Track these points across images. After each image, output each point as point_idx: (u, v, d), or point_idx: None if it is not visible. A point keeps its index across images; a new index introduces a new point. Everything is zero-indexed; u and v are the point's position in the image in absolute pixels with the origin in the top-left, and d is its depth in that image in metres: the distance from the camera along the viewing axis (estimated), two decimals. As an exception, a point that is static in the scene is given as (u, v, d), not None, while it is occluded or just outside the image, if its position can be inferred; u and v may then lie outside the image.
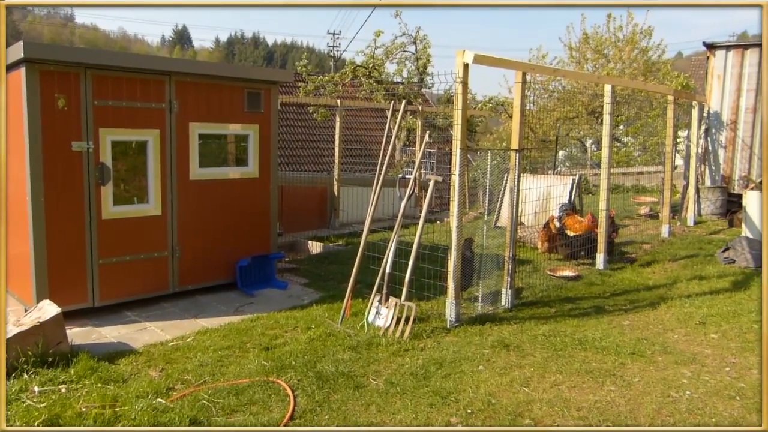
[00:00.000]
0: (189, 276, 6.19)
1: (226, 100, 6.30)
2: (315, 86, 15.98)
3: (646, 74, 17.83)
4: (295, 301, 6.09)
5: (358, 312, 5.44)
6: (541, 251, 7.97)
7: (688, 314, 5.57)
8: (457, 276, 5.15)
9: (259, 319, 5.46)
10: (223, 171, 6.40)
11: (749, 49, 10.47)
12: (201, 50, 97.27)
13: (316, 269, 7.49)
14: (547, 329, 5.10)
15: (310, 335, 4.92)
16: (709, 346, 4.82)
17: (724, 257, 7.55)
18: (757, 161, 10.36)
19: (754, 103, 10.38)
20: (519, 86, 5.67)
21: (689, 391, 3.98)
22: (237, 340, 4.85)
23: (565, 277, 6.92)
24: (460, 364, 4.31)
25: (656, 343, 4.81)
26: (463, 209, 11.49)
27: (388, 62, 16.58)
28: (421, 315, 5.38)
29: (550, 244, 7.88)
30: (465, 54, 4.97)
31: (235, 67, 7.99)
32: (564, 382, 4.08)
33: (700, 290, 6.37)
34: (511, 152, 5.68)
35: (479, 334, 4.96)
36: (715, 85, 10.75)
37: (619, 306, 5.91)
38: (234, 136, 6.49)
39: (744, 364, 4.42)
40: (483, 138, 22.97)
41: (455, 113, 5.02)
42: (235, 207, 6.46)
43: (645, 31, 18.24)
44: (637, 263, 7.70)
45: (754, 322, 5.30)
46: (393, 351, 4.55)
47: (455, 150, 4.99)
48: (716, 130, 10.79)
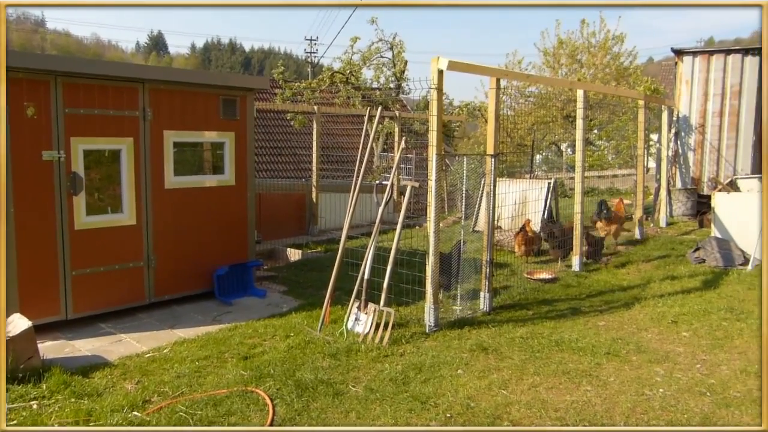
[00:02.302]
0: (165, 286, 6.12)
1: (201, 108, 6.26)
2: (292, 93, 15.97)
3: (618, 79, 18.15)
4: (273, 309, 6.06)
5: (337, 319, 5.43)
6: (518, 255, 8.07)
7: (661, 313, 5.68)
8: (436, 281, 5.18)
9: (238, 328, 5.42)
10: (199, 179, 6.36)
11: (714, 55, 10.74)
12: (177, 56, 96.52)
13: (295, 276, 7.46)
14: (524, 332, 5.16)
15: (289, 343, 4.90)
16: (681, 344, 4.92)
17: (695, 257, 7.71)
18: (724, 163, 10.62)
19: (720, 107, 10.64)
20: (493, 92, 5.74)
21: (662, 388, 4.06)
22: (215, 350, 4.81)
23: (542, 279, 7.00)
24: (439, 369, 4.34)
25: (631, 343, 4.90)
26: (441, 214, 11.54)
27: (365, 68, 16.65)
28: (401, 320, 5.40)
29: (527, 247, 7.97)
30: (439, 61, 5.02)
31: (210, 74, 7.95)
32: (541, 383, 4.13)
33: (672, 290, 6.49)
34: (487, 157, 5.74)
35: (458, 338, 4.99)
36: (684, 90, 10.99)
37: (595, 307, 6.00)
38: (210, 144, 6.45)
39: (714, 361, 4.53)
40: (461, 143, 23.13)
41: (431, 119, 5.06)
42: (211, 215, 6.41)
43: (617, 37, 18.59)
44: (612, 264, 7.82)
45: (723, 319, 5.43)
46: (372, 357, 4.56)
47: (431, 156, 5.03)
48: (685, 133, 11.03)
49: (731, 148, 10.68)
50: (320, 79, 16.21)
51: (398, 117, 12.54)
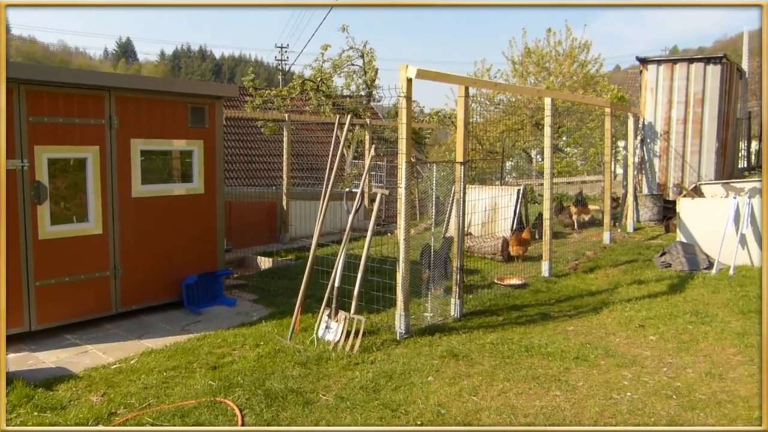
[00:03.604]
0: (133, 296, 6.01)
1: (169, 116, 6.19)
2: (263, 100, 15.88)
3: (585, 87, 18.49)
4: (243, 318, 6.00)
5: (308, 327, 5.40)
6: (513, 253, 8.51)
7: (629, 318, 5.78)
8: (406, 288, 5.19)
9: (207, 337, 5.35)
10: (167, 187, 6.27)
11: (678, 64, 11.03)
12: (146, 63, 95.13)
13: (266, 285, 7.40)
14: (494, 337, 5.20)
15: (258, 352, 4.86)
16: (648, 347, 5.01)
17: (661, 261, 7.88)
18: (689, 170, 10.89)
19: (684, 114, 10.92)
20: (462, 100, 5.79)
21: (630, 392, 4.13)
22: (183, 360, 4.73)
23: (513, 285, 7.06)
24: (409, 376, 4.34)
25: (599, 347, 4.97)
26: (412, 221, 11.52)
27: (336, 76, 16.64)
28: (371, 328, 5.39)
29: (521, 246, 8.57)
30: (408, 69, 5.05)
31: (177, 82, 7.87)
32: (511, 389, 4.17)
33: (639, 294, 6.62)
34: (456, 165, 5.79)
35: (429, 345, 5.01)
36: (649, 98, 11.25)
37: (564, 312, 6.07)
38: (178, 152, 6.38)
39: (680, 364, 4.62)
40: (432, 150, 23.28)
41: (400, 127, 5.08)
42: (180, 224, 6.33)
43: (583, 45, 18.95)
44: (580, 269, 7.94)
45: (689, 323, 5.55)
46: (343, 365, 4.54)
47: (401, 163, 5.05)
48: (651, 140, 11.28)
49: (695, 155, 10.96)
50: (291, 86, 16.16)
51: (369, 125, 12.56)
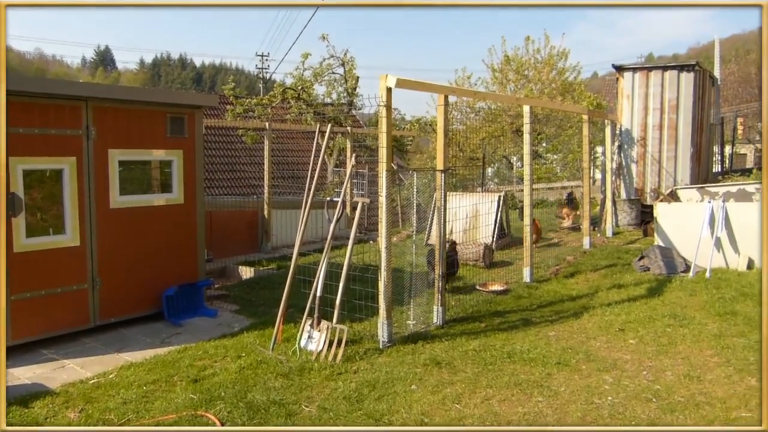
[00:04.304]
0: (112, 308, 5.93)
1: (148, 126, 6.14)
2: (244, 109, 15.82)
3: (564, 94, 18.71)
4: (225, 329, 5.94)
5: (290, 337, 5.37)
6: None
7: (609, 322, 5.84)
8: (389, 296, 5.18)
9: (187, 349, 5.29)
10: (146, 198, 6.21)
11: (653, 71, 11.23)
12: (125, 72, 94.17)
13: (247, 295, 7.35)
14: (477, 344, 5.21)
15: (240, 364, 4.81)
16: (628, 351, 5.06)
17: (640, 265, 7.97)
18: (665, 174, 11.06)
19: (659, 120, 11.11)
20: (442, 109, 5.82)
21: (611, 396, 4.16)
22: (163, 373, 4.67)
23: (495, 291, 7.10)
24: (393, 385, 4.33)
25: (580, 352, 5.01)
26: (395, 228, 11.51)
27: (317, 84, 16.65)
28: (354, 337, 5.37)
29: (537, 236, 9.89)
30: (388, 78, 5.07)
31: (156, 92, 7.80)
32: (494, 396, 4.18)
33: (619, 298, 6.69)
34: (437, 172, 5.81)
35: (412, 353, 5.00)
36: (625, 105, 11.42)
37: (546, 317, 6.11)
38: (157, 162, 6.32)
39: (659, 367, 4.67)
40: (414, 157, 23.36)
41: (380, 136, 5.10)
42: (160, 235, 6.26)
43: (561, 53, 19.18)
44: (561, 274, 8.00)
45: (667, 326, 5.62)
46: (326, 375, 4.52)
47: (381, 172, 5.06)
48: (628, 146, 11.45)
49: (671, 160, 11.14)
50: (272, 95, 16.13)
51: (350, 133, 12.58)
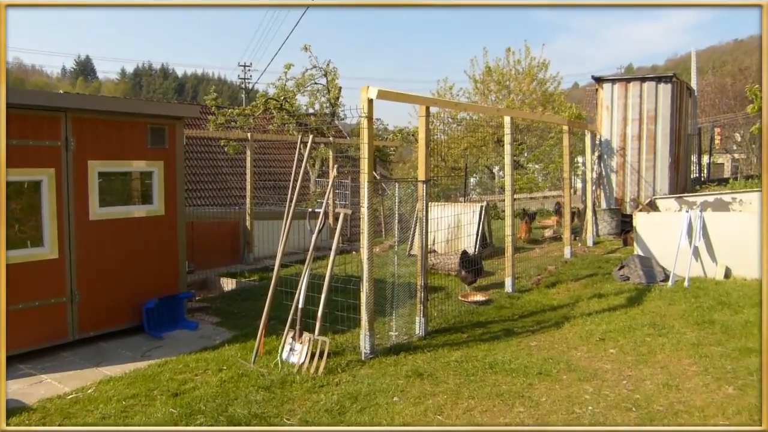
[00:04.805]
0: (91, 322, 5.85)
1: (128, 137, 6.10)
2: (226, 119, 15.77)
3: (545, 104, 18.94)
4: (206, 342, 5.90)
5: (272, 349, 5.34)
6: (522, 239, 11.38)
7: (590, 331, 5.89)
8: (371, 307, 5.18)
9: (168, 363, 5.24)
10: (126, 210, 6.16)
11: (631, 83, 11.41)
12: (106, 82, 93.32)
13: (229, 307, 7.30)
14: (459, 355, 5.23)
15: (221, 377, 4.77)
16: (609, 361, 5.11)
17: (620, 275, 8.06)
18: (644, 184, 11.22)
19: (638, 131, 11.28)
20: (423, 120, 5.86)
21: (591, 406, 4.20)
22: (143, 387, 4.62)
23: (477, 302, 7.12)
24: (375, 397, 4.32)
25: (561, 362, 5.04)
26: (378, 239, 11.52)
27: (299, 95, 16.65)
28: (336, 348, 5.36)
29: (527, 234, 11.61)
30: (369, 90, 5.10)
31: (136, 103, 7.75)
32: (476, 407, 4.19)
33: (599, 308, 6.75)
34: (419, 183, 5.84)
35: (394, 365, 5.00)
36: (605, 115, 11.59)
37: (527, 327, 6.15)
38: (138, 174, 6.28)
39: (639, 377, 4.72)
40: (396, 167, 23.42)
41: (362, 147, 5.12)
42: (140, 247, 6.21)
43: (541, 64, 19.44)
44: (543, 284, 8.06)
45: (647, 335, 5.68)
46: (308, 388, 4.50)
47: (363, 183, 5.08)
48: (608, 156, 11.60)
49: (650, 170, 11.31)
50: (254, 105, 16.10)
51: (333, 143, 12.59)
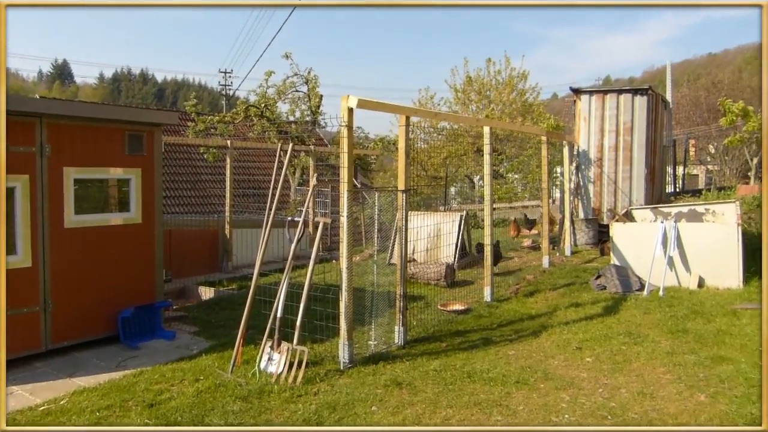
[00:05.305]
0: (65, 331, 5.76)
1: (105, 143, 6.03)
2: (205, 126, 15.65)
3: (524, 114, 19.15)
4: (183, 352, 5.83)
5: (250, 359, 5.30)
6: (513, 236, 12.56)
7: (567, 340, 5.94)
8: (350, 317, 5.17)
9: (143, 373, 5.17)
10: (102, 217, 6.08)
11: (608, 95, 11.59)
12: (84, 86, 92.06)
13: (207, 316, 7.23)
14: (438, 364, 5.23)
15: (198, 387, 4.72)
16: (585, 369, 5.16)
17: (597, 284, 8.16)
18: (621, 195, 11.38)
19: (615, 142, 11.45)
20: (403, 129, 5.89)
21: (568, 414, 4.23)
22: (118, 398, 4.55)
23: (456, 311, 7.15)
24: (353, 407, 4.31)
25: (539, 371, 5.08)
26: (358, 247, 11.50)
27: (280, 102, 16.61)
28: (315, 358, 5.34)
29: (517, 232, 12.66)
30: (349, 99, 5.12)
31: (114, 109, 7.70)
32: (454, 416, 4.20)
33: (576, 317, 6.82)
34: (398, 192, 5.86)
35: (373, 374, 4.99)
36: (582, 126, 11.75)
37: (506, 336, 6.19)
38: (115, 181, 6.22)
39: (614, 385, 4.78)
40: (377, 176, 23.45)
41: (342, 156, 5.13)
42: (116, 255, 6.13)
43: (521, 74, 19.67)
44: (521, 293, 8.12)
45: (622, 344, 5.75)
46: (285, 398, 4.47)
47: (342, 192, 5.08)
48: (585, 166, 11.75)
49: (626, 181, 11.47)
50: (234, 112, 16.02)
51: (313, 151, 12.58)
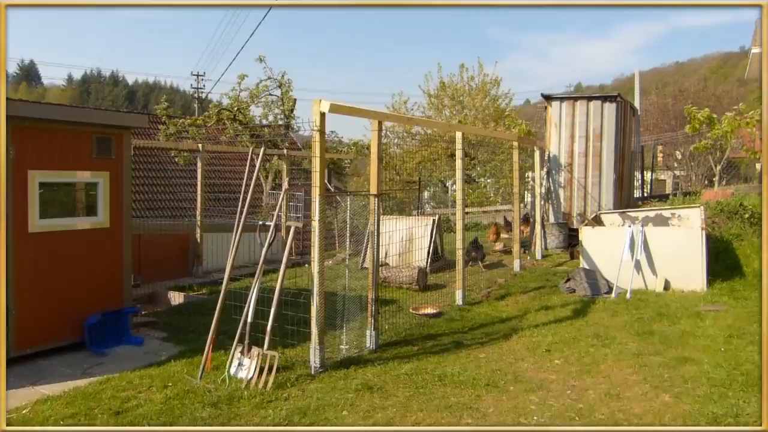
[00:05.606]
0: (29, 338, 5.62)
1: (72, 147, 5.93)
2: (177, 129, 15.47)
3: (497, 120, 19.36)
4: (151, 358, 5.75)
5: (219, 365, 5.24)
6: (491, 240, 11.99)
7: (536, 343, 6.01)
8: (321, 321, 5.16)
9: (110, 380, 5.08)
10: (69, 222, 5.97)
11: (579, 101, 11.79)
12: (52, 88, 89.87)
13: (177, 321, 7.14)
14: (409, 368, 5.25)
15: (166, 394, 4.66)
16: (554, 371, 5.22)
17: (567, 287, 8.28)
18: (590, 199, 11.58)
19: (585, 148, 11.65)
20: (375, 134, 5.92)
21: (537, 416, 4.28)
22: (83, 406, 4.47)
23: (428, 314, 7.18)
24: (324, 411, 4.30)
25: (509, 373, 5.13)
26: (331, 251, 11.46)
27: (253, 106, 16.50)
28: (286, 363, 5.31)
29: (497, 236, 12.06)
30: (321, 103, 5.12)
31: (81, 111, 7.55)
32: (425, 419, 4.22)
33: (546, 319, 6.91)
34: (370, 197, 5.88)
35: (344, 378, 4.99)
36: (553, 132, 11.93)
37: (477, 339, 6.24)
38: (82, 184, 6.11)
39: (582, 387, 4.85)
40: (352, 180, 23.44)
41: (314, 161, 5.13)
42: (83, 260, 6.02)
43: (494, 80, 19.89)
44: (492, 297, 8.20)
45: (590, 346, 5.84)
46: (255, 403, 4.44)
47: (314, 196, 5.08)
48: (556, 171, 11.93)
49: (596, 186, 11.67)
50: (207, 115, 15.88)
51: (287, 155, 12.54)
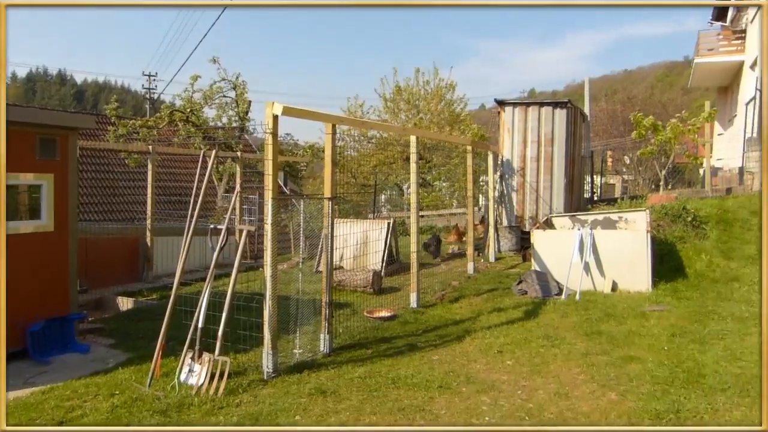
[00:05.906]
0: (-35, 347, 5.37)
1: (14, 148, 5.68)
2: (127, 131, 15.07)
3: (452, 124, 19.59)
4: (98, 366, 5.58)
5: (170, 371, 5.13)
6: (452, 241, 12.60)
7: (489, 344, 6.11)
8: (274, 325, 5.12)
9: (54, 390, 4.92)
10: (11, 225, 5.74)
11: (531, 107, 12.05)
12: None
13: (126, 327, 6.96)
14: (363, 371, 5.26)
15: (113, 402, 4.54)
16: (506, 372, 5.32)
17: (519, 289, 8.44)
18: (542, 203, 11.84)
19: (537, 153, 11.91)
20: (329, 137, 5.91)
21: (488, 416, 4.36)
22: (24, 417, 4.31)
23: (382, 317, 7.21)
24: (276, 417, 4.27)
25: (461, 375, 5.20)
26: (287, 254, 11.37)
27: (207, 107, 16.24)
28: (238, 368, 5.24)
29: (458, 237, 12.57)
30: (274, 106, 5.09)
31: (22, 111, 7.29)
32: (378, 422, 4.23)
33: (499, 321, 7.02)
34: (324, 200, 5.87)
35: (297, 383, 4.96)
36: (506, 137, 12.15)
37: (431, 342, 6.29)
38: (25, 187, 5.89)
39: (533, 386, 4.95)
40: (308, 183, 23.32)
41: (266, 164, 5.09)
42: (25, 264, 5.80)
43: (449, 85, 20.12)
44: (446, 299, 8.29)
45: (541, 346, 5.97)
46: (206, 410, 4.37)
47: (267, 199, 5.04)
48: (509, 175, 12.15)
49: (547, 190, 11.95)
50: (159, 117, 15.54)
51: (240, 158, 12.38)
